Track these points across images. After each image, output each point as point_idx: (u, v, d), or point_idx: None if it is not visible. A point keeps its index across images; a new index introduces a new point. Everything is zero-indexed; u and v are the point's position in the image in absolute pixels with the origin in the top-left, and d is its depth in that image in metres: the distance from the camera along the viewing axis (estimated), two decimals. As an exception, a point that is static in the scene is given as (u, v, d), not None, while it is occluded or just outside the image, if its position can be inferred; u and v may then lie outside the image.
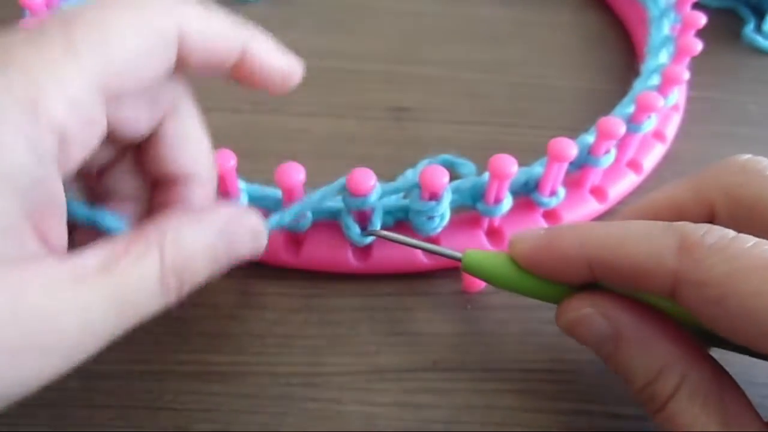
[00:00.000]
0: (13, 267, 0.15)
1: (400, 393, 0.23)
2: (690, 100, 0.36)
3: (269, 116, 0.34)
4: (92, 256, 0.16)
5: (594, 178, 0.29)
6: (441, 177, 0.23)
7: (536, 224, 0.28)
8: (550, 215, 0.28)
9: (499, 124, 0.34)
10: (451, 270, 0.27)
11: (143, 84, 0.18)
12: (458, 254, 0.22)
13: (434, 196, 0.24)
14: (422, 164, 0.30)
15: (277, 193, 0.25)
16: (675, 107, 0.33)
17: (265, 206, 0.26)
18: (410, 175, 0.29)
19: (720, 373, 0.19)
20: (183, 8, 0.18)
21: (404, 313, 0.26)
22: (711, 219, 0.21)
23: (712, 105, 0.36)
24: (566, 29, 0.42)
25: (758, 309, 0.16)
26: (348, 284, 0.26)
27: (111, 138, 0.19)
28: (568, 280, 0.20)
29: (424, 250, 0.24)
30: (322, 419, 0.23)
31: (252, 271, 0.26)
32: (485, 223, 0.27)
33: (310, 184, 0.24)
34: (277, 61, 0.21)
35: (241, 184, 0.25)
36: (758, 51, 0.40)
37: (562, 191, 0.27)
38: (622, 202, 0.30)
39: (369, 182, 0.23)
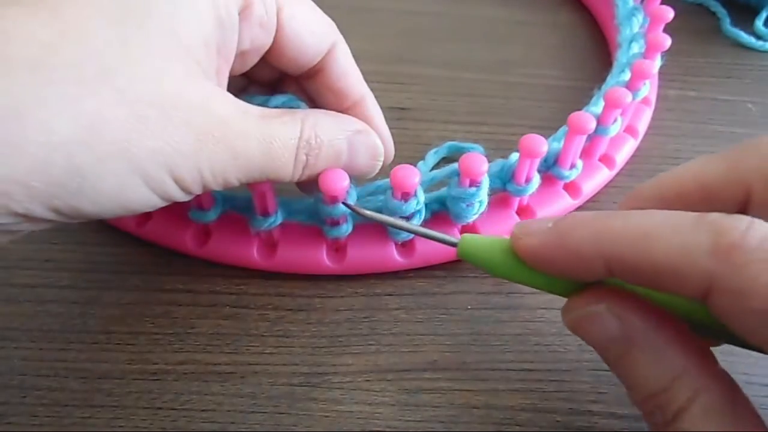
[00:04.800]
0: (207, 80, 0.19)
1: (400, 393, 0.23)
2: (689, 99, 0.36)
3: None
4: (253, 107, 0.20)
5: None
6: (481, 163, 0.23)
7: (559, 197, 0.29)
8: (570, 187, 0.29)
9: (499, 124, 0.34)
10: (452, 270, 0.27)
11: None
12: (454, 239, 0.20)
13: (474, 183, 0.24)
14: (429, 155, 0.31)
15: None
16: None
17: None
18: (423, 168, 0.29)
19: (736, 392, 0.17)
20: None
21: (404, 313, 0.26)
22: (745, 203, 0.18)
23: (711, 104, 0.36)
24: (566, 29, 0.42)
25: None
26: (348, 284, 0.26)
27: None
28: (579, 277, 0.18)
29: (421, 235, 0.22)
30: (322, 419, 0.23)
31: (252, 271, 0.26)
32: (515, 202, 0.28)
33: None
34: (359, 76, 0.25)
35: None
36: (757, 51, 0.40)
37: (580, 164, 0.28)
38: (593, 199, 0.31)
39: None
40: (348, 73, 0.24)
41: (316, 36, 0.23)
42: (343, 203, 0.23)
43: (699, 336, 0.18)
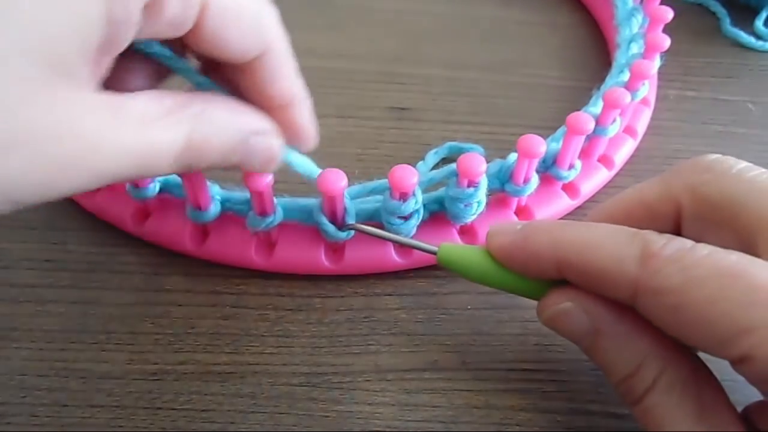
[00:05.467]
0: (77, 89, 0.16)
1: (400, 393, 0.23)
2: (688, 99, 0.36)
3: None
4: (134, 107, 0.18)
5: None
6: (479, 164, 0.23)
7: (558, 198, 0.29)
8: (568, 188, 0.29)
9: (499, 124, 0.34)
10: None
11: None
12: (434, 248, 0.22)
13: (472, 183, 0.24)
14: (429, 156, 0.31)
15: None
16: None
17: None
18: (422, 168, 0.30)
19: (699, 368, 0.19)
20: None
21: (404, 313, 0.26)
22: (678, 218, 0.21)
23: (711, 104, 0.36)
24: (566, 29, 0.42)
25: (712, 316, 0.16)
26: (347, 284, 0.27)
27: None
28: (540, 276, 0.20)
29: (400, 243, 0.24)
30: (322, 419, 0.23)
31: (252, 271, 0.27)
32: (514, 203, 0.28)
33: (310, 183, 0.24)
34: (291, 83, 0.21)
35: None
36: (757, 51, 0.40)
37: (579, 164, 0.28)
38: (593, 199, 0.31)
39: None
40: (276, 80, 0.21)
41: (242, 38, 0.19)
42: (347, 225, 0.25)
43: None
